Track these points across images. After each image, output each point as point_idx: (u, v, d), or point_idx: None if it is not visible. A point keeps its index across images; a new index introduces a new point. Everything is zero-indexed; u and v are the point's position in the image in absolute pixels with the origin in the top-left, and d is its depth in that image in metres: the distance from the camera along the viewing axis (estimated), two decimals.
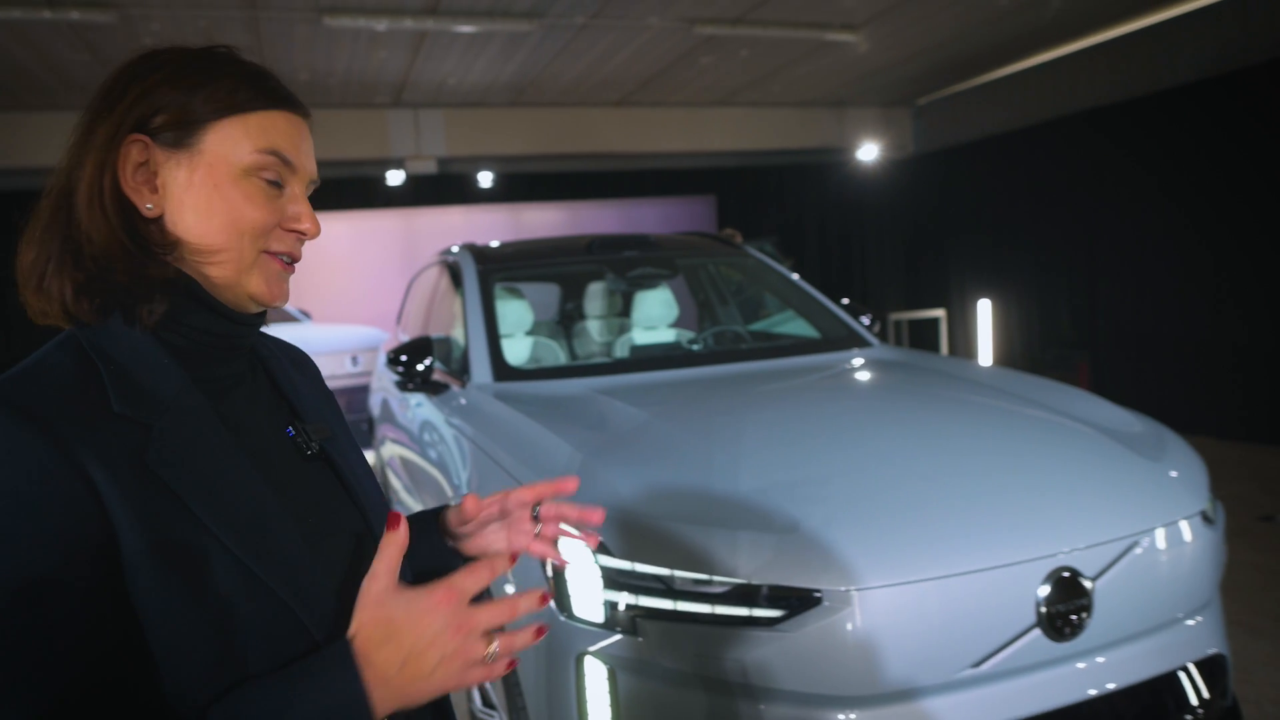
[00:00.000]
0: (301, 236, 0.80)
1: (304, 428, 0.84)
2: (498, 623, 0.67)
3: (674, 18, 5.37)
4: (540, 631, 0.69)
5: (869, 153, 8.29)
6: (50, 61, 5.16)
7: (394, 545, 0.68)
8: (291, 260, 0.80)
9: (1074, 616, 1.64)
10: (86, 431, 0.66)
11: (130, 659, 0.66)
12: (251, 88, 0.77)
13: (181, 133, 0.74)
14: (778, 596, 1.59)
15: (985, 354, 7.96)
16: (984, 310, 7.96)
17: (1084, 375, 6.77)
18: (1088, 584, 1.67)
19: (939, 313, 8.49)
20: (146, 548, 0.65)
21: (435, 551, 0.93)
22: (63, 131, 0.78)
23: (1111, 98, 6.55)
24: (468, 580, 0.66)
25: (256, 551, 0.69)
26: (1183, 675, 1.79)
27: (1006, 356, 7.81)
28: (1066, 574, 1.65)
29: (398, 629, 0.65)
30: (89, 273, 0.73)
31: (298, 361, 0.94)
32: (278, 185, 0.78)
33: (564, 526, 0.94)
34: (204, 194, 0.75)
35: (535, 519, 0.93)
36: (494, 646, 0.66)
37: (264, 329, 0.87)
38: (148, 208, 0.74)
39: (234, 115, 0.75)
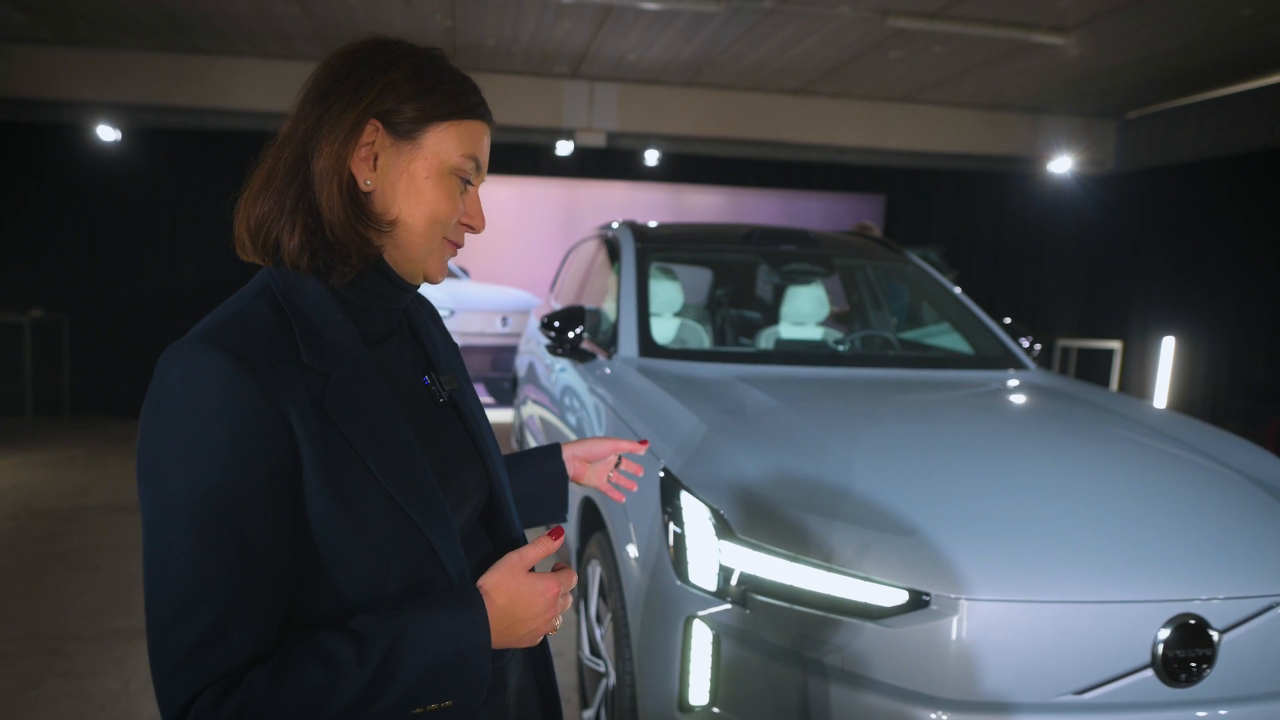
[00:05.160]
0: (471, 230, 0.92)
1: (437, 378, 0.96)
2: (570, 587, 0.90)
3: (867, 8, 5.22)
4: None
5: (1062, 165, 7.72)
6: (265, 12, 5.59)
7: (545, 548, 0.88)
8: (458, 247, 0.93)
9: (1194, 664, 1.59)
10: (283, 378, 0.78)
11: (304, 565, 0.79)
12: (469, 98, 0.88)
13: (412, 127, 0.85)
14: (887, 593, 1.64)
15: (1161, 395, 7.32)
16: (1166, 348, 7.32)
17: (1273, 434, 6.12)
18: (1214, 635, 1.61)
19: (1114, 344, 7.89)
20: (320, 475, 0.78)
21: (536, 477, 1.19)
22: (270, 77, 0.94)
23: None
24: (565, 578, 0.89)
25: (400, 486, 0.81)
26: None
27: (1185, 401, 7.15)
28: (1192, 621, 1.60)
29: (518, 597, 0.85)
30: (313, 231, 0.83)
31: (433, 314, 1.06)
32: (467, 184, 0.89)
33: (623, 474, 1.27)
34: (416, 183, 0.85)
35: (616, 466, 1.26)
36: (558, 621, 0.89)
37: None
38: (366, 183, 0.84)
39: (453, 120, 0.87)
